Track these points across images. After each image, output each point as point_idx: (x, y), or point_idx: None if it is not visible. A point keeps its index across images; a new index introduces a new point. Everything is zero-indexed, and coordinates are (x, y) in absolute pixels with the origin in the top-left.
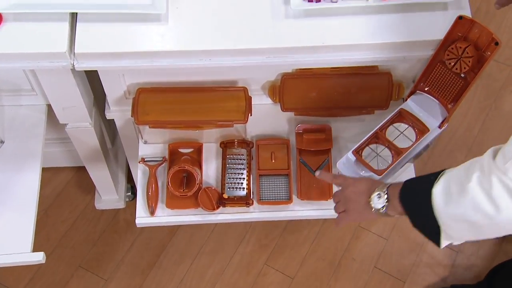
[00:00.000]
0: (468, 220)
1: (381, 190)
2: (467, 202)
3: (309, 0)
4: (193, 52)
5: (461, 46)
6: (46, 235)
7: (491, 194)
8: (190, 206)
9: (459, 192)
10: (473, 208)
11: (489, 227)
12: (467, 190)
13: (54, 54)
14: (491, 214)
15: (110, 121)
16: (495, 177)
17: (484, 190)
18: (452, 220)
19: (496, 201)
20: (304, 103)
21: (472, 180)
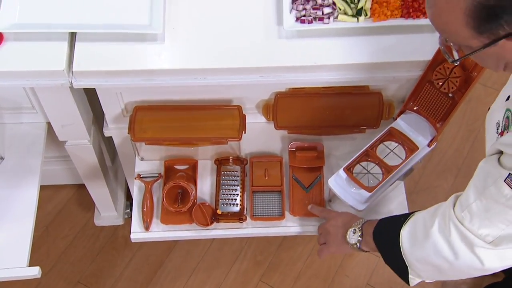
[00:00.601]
0: (431, 262)
1: (356, 226)
2: (430, 246)
3: (301, 21)
4: (188, 70)
5: (448, 67)
6: (46, 251)
7: (450, 241)
8: (184, 221)
9: (423, 237)
10: (434, 252)
11: (450, 270)
12: (429, 235)
13: (53, 72)
14: (450, 259)
15: (110, 139)
16: (453, 224)
17: (444, 236)
18: (417, 261)
19: (454, 247)
20: (297, 121)
21: (434, 226)
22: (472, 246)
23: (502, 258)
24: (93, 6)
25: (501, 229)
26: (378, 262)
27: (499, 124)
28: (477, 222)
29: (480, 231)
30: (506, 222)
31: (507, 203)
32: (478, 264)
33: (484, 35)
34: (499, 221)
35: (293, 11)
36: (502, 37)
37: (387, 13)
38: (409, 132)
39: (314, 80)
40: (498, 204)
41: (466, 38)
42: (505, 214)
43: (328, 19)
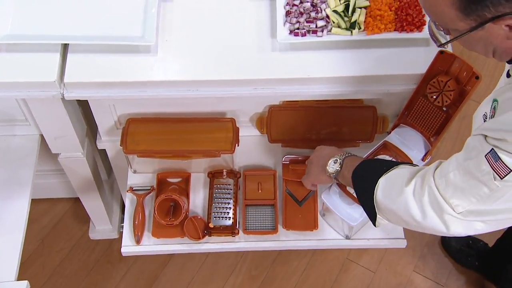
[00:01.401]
0: (399, 216)
1: (338, 157)
2: (401, 202)
3: (295, 34)
4: (181, 82)
5: (442, 80)
6: (41, 264)
7: (422, 202)
8: (176, 235)
9: (397, 192)
10: (404, 209)
11: (416, 227)
12: (403, 192)
13: (44, 83)
14: (417, 219)
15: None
16: (428, 187)
17: (417, 197)
18: (386, 210)
19: (424, 209)
20: (291, 135)
21: (410, 184)
22: (442, 212)
23: (467, 227)
24: (85, 17)
25: (472, 202)
26: (373, 277)
27: (486, 115)
28: (450, 190)
29: (451, 200)
30: (477, 197)
31: (481, 178)
32: (443, 228)
33: (471, 17)
34: (471, 195)
35: (286, 24)
36: (489, 20)
37: (381, 26)
38: (403, 146)
39: (307, 93)
40: (473, 178)
41: (453, 20)
42: (477, 188)
43: (322, 32)
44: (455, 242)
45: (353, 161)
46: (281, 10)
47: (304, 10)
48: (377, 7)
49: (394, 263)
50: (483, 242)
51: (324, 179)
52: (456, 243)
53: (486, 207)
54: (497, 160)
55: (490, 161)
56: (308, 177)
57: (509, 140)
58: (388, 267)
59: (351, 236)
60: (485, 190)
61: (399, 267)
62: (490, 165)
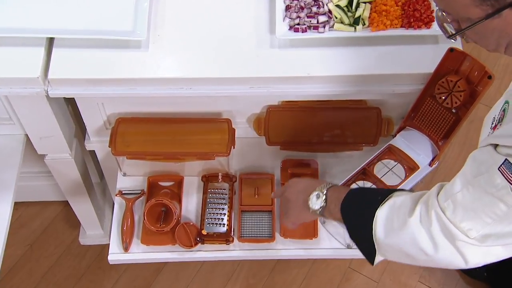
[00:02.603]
0: (405, 251)
1: (320, 191)
2: (407, 235)
3: (295, 30)
4: (173, 80)
5: (452, 80)
6: (29, 270)
7: (430, 232)
8: (167, 242)
9: (401, 223)
10: (411, 242)
11: (426, 262)
12: (408, 223)
13: (27, 79)
14: (429, 252)
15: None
16: (435, 214)
17: (425, 226)
18: (389, 247)
19: (434, 239)
20: (290, 137)
21: (415, 213)
22: (454, 240)
23: (485, 255)
24: (72, 10)
25: (487, 223)
26: (376, 287)
27: (494, 119)
28: (460, 213)
29: (462, 224)
30: (493, 216)
31: (497, 194)
32: (459, 260)
33: (487, 2)
34: (485, 214)
35: (286, 19)
36: (508, 4)
37: (386, 22)
38: (409, 150)
39: (308, 92)
40: (487, 194)
41: (467, 6)
42: (492, 206)
43: (324, 28)
44: None
45: (338, 193)
46: (281, 4)
47: (305, 5)
48: (383, 2)
49: (398, 273)
50: None
51: (307, 217)
52: None
53: (504, 227)
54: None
55: (505, 174)
56: (289, 217)
57: None
58: (392, 277)
59: (352, 245)
60: (502, 207)
61: (404, 277)
62: (506, 178)
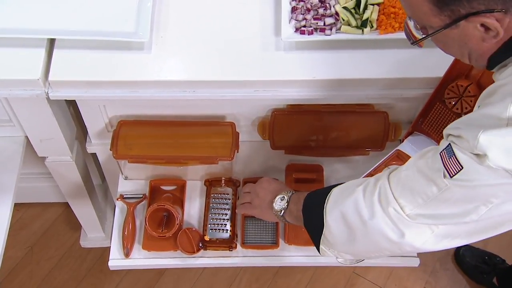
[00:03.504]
0: (346, 220)
1: (286, 194)
2: (350, 202)
3: (301, 32)
4: (176, 82)
5: (462, 85)
6: (29, 273)
7: (372, 199)
8: (168, 248)
9: (348, 193)
10: (353, 208)
11: (362, 234)
12: (354, 192)
13: (27, 81)
14: (365, 217)
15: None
16: (381, 184)
17: (368, 193)
18: (333, 220)
19: (373, 205)
20: (295, 141)
21: (363, 184)
22: (387, 206)
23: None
24: (74, 10)
25: (419, 204)
26: None
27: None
28: (399, 189)
29: (400, 200)
30: (424, 197)
31: (431, 176)
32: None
33: (445, 13)
34: (418, 194)
35: (292, 21)
36: (463, 16)
37: (395, 25)
38: None
39: (313, 96)
40: (423, 177)
41: (427, 15)
42: (426, 187)
43: (330, 30)
44: (469, 257)
45: (301, 196)
46: (287, 6)
47: (311, 6)
48: (391, 4)
49: (403, 279)
50: (500, 258)
51: (269, 216)
52: (471, 259)
53: (433, 210)
54: (451, 156)
55: (443, 158)
56: (252, 209)
57: (463, 136)
58: (398, 283)
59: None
60: (434, 189)
61: (409, 283)
62: (443, 162)
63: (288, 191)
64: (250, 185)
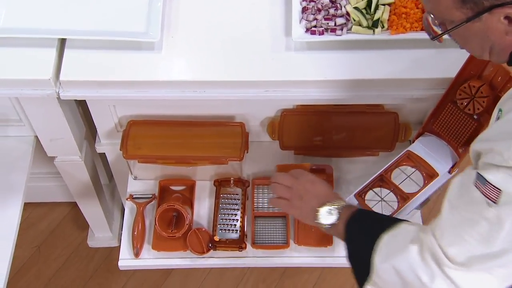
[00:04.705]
0: (401, 277)
1: (334, 206)
2: (405, 261)
3: (311, 32)
4: (187, 83)
5: (474, 85)
6: (36, 272)
7: (426, 260)
8: (178, 248)
9: (401, 249)
10: (409, 268)
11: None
12: (408, 250)
13: (38, 81)
14: (424, 280)
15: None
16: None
17: (422, 255)
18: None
19: (430, 267)
20: (305, 142)
21: (416, 242)
22: (442, 266)
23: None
24: (85, 10)
25: (472, 245)
26: None
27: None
28: (447, 238)
29: (450, 249)
30: (477, 236)
31: (477, 211)
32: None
33: (467, 5)
34: (469, 235)
35: (303, 21)
36: (486, 9)
37: (406, 25)
38: (428, 156)
39: (324, 97)
40: (468, 214)
41: (449, 9)
42: (475, 225)
43: (341, 31)
44: None
45: (349, 212)
46: (297, 6)
47: (322, 7)
48: (403, 4)
49: None
50: None
51: (309, 221)
52: None
53: (489, 248)
54: (485, 183)
55: (479, 187)
56: (291, 209)
57: (495, 150)
58: None
59: None
60: (484, 224)
61: None
62: (481, 192)
63: (337, 203)
64: (290, 179)
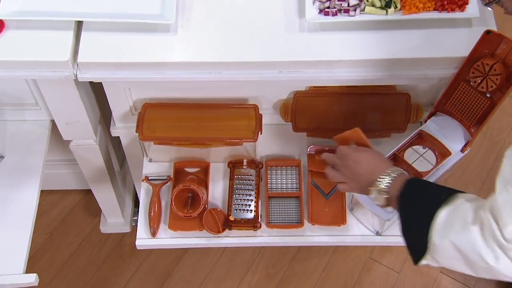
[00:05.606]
0: (463, 255)
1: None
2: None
3: (325, 13)
4: (202, 64)
5: (488, 63)
6: (49, 258)
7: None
8: (194, 228)
9: (462, 229)
10: (472, 248)
11: (482, 270)
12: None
13: (56, 63)
14: (489, 261)
15: (120, 143)
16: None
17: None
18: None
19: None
20: (317, 123)
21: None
22: (505, 249)
23: None
24: None
25: None
26: (397, 278)
27: None
28: (505, 217)
29: (508, 228)
30: None
31: None
32: None
33: None
34: None
35: (316, 2)
36: None
37: (419, 5)
38: (441, 136)
39: (338, 77)
40: None
41: None
42: None
43: (354, 11)
44: None
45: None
46: None
47: None
48: None
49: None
50: None
51: (365, 191)
52: None
53: None
54: None
55: None
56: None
57: None
58: (414, 267)
59: (382, 232)
60: None
61: (425, 268)
62: None
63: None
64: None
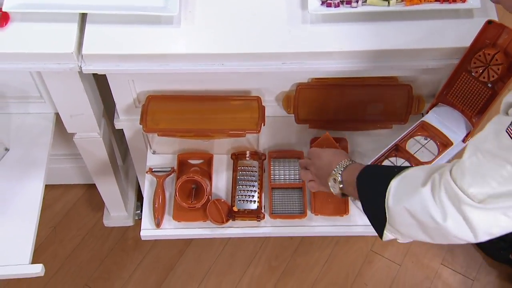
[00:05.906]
0: (416, 218)
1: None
2: (417, 202)
3: (327, 5)
4: (205, 55)
5: (489, 53)
6: (53, 252)
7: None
8: (198, 218)
9: (413, 191)
10: (422, 209)
11: (435, 231)
12: (419, 191)
13: (61, 55)
14: (438, 219)
15: (122, 137)
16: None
17: (435, 194)
18: (399, 215)
19: (443, 207)
20: (319, 115)
21: (427, 183)
22: (460, 204)
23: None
24: None
25: (493, 187)
26: (399, 270)
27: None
28: (468, 179)
29: (470, 190)
30: (499, 179)
31: (503, 156)
32: (467, 230)
33: None
34: (491, 178)
35: None
36: None
37: None
38: (443, 126)
39: (340, 68)
40: (494, 157)
41: None
42: (499, 169)
43: (357, 3)
44: None
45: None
46: None
47: None
48: None
49: (420, 256)
50: None
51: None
52: None
53: (509, 190)
54: None
55: (511, 134)
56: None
57: None
58: (415, 260)
59: None
60: (509, 168)
61: (426, 260)
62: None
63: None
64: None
